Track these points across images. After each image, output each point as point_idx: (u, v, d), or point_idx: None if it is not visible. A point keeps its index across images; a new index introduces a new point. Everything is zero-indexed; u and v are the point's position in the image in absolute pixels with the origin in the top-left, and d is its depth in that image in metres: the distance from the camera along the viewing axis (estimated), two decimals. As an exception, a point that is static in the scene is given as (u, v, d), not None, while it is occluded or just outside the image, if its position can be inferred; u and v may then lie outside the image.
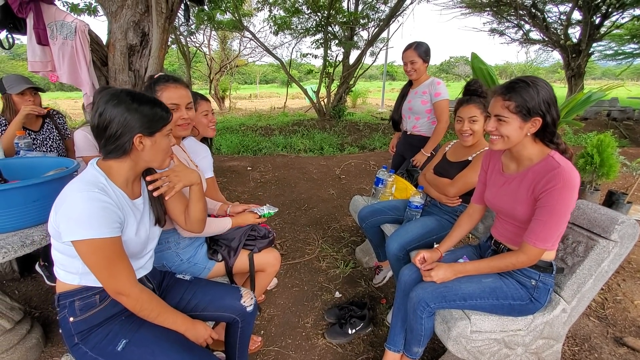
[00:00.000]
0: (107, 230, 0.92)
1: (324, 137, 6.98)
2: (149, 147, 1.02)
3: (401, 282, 1.46)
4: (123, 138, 0.98)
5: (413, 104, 2.44)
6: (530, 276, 1.28)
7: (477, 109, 1.72)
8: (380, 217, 2.05)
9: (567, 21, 10.10)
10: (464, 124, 1.74)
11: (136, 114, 0.98)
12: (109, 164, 1.02)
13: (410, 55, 2.33)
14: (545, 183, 1.14)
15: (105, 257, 0.93)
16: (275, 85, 38.48)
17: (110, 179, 1.01)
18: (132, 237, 1.03)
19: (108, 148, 1.00)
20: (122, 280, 0.96)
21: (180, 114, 1.36)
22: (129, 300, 0.98)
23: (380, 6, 9.38)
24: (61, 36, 2.49)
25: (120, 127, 0.97)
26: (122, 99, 0.97)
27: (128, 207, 1.03)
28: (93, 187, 0.94)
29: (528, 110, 1.14)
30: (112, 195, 0.98)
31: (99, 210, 0.91)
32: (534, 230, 1.17)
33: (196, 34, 12.13)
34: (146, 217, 1.11)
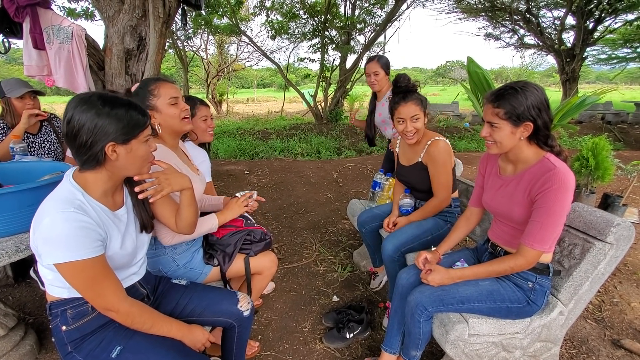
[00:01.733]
0: (88, 251, 0.87)
1: (321, 141, 7.00)
2: (124, 156, 0.94)
3: (398, 286, 1.46)
4: (94, 147, 0.89)
5: (385, 116, 2.45)
6: (527, 278, 1.28)
7: (416, 105, 1.68)
8: (380, 222, 2.04)
9: (561, 26, 10.22)
10: (407, 124, 1.69)
11: (107, 119, 0.89)
12: (84, 176, 0.95)
13: (374, 67, 2.37)
14: (542, 184, 1.15)
15: (88, 278, 0.89)
16: (272, 90, 38.60)
17: (87, 192, 0.94)
18: (117, 251, 0.99)
19: (80, 159, 0.92)
20: (109, 297, 0.93)
21: (182, 106, 1.34)
22: (118, 315, 0.95)
23: (377, 11, 9.46)
24: (58, 40, 2.49)
25: (90, 136, 0.88)
26: (92, 103, 0.88)
27: (109, 220, 0.98)
28: (69, 206, 0.87)
29: (517, 116, 1.16)
30: (91, 211, 0.92)
31: (77, 231, 0.85)
32: (530, 232, 1.17)
33: (193, 38, 12.15)
34: (131, 227, 1.06)
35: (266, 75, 32.59)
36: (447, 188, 1.75)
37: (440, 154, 1.70)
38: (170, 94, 1.31)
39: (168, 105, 1.31)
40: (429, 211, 1.82)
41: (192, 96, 1.81)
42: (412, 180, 1.86)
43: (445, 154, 1.70)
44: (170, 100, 1.31)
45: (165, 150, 1.33)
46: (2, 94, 2.00)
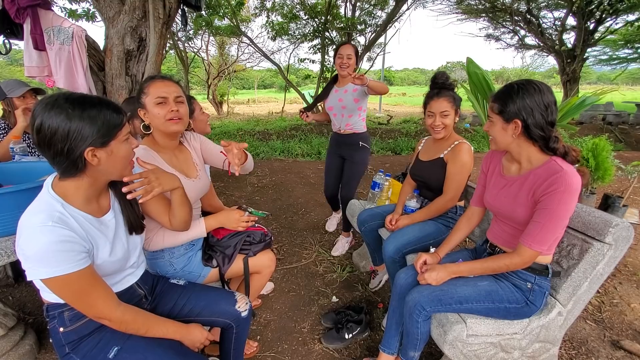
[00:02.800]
0: (71, 265, 0.83)
1: (321, 142, 6.99)
2: (105, 159, 0.89)
3: (397, 286, 1.46)
4: (72, 154, 0.84)
5: (346, 103, 2.46)
6: (526, 279, 1.28)
7: (448, 102, 1.73)
8: (379, 221, 2.04)
9: (561, 27, 10.21)
10: (435, 119, 1.74)
11: (81, 122, 0.83)
12: (64, 185, 0.90)
13: (349, 49, 2.38)
14: (547, 186, 1.14)
15: (76, 291, 0.86)
16: (273, 90, 38.65)
17: (68, 202, 0.89)
18: (106, 259, 0.96)
19: (58, 168, 0.87)
20: (100, 307, 0.91)
21: (169, 107, 1.25)
22: (111, 323, 0.94)
23: (377, 12, 9.48)
24: (58, 41, 2.50)
25: (65, 142, 0.82)
26: (60, 106, 0.82)
27: (94, 229, 0.94)
28: (47, 220, 0.82)
29: (508, 113, 1.18)
30: (72, 223, 0.87)
31: (57, 245, 0.81)
32: (530, 232, 1.17)
33: (194, 39, 12.20)
34: (121, 230, 1.03)
35: (267, 76, 32.63)
36: (457, 189, 1.75)
37: (465, 155, 1.72)
38: (157, 94, 1.24)
39: (154, 105, 1.25)
40: (433, 210, 1.81)
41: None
42: (427, 177, 1.86)
43: (469, 157, 1.72)
44: (156, 99, 1.24)
45: (151, 155, 1.29)
46: (3, 95, 2.00)
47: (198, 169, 1.48)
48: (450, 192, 1.76)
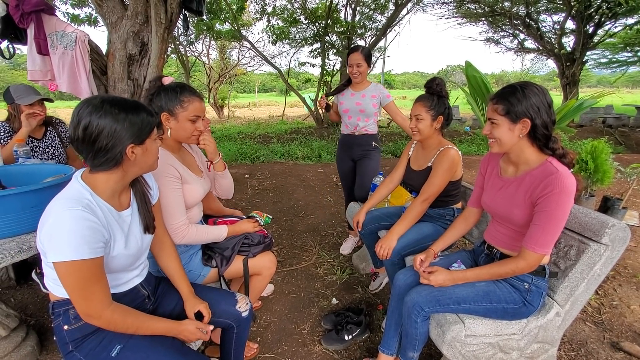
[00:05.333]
0: (89, 251, 0.88)
1: (321, 145, 7.03)
2: (141, 155, 1.00)
3: (396, 287, 1.47)
4: (114, 150, 0.94)
5: (365, 107, 2.49)
6: (524, 279, 1.29)
7: (423, 107, 1.75)
8: (379, 223, 2.06)
9: (560, 30, 10.27)
10: (412, 121, 1.80)
11: (125, 123, 0.94)
12: (95, 177, 0.98)
13: (358, 58, 2.39)
14: (543, 188, 1.16)
15: (81, 279, 0.90)
16: (274, 94, 38.77)
17: (95, 192, 0.97)
18: (122, 252, 1.01)
19: (97, 161, 0.95)
20: (94, 303, 0.93)
21: (198, 125, 1.38)
22: (100, 322, 0.96)
23: (377, 16, 9.55)
24: (61, 46, 2.53)
25: (110, 139, 0.92)
26: (107, 109, 0.92)
27: (114, 221, 1.00)
28: (77, 205, 0.89)
29: (515, 113, 1.18)
30: (98, 211, 0.94)
31: (83, 229, 0.88)
32: (532, 236, 1.18)
33: (195, 43, 12.28)
34: (135, 228, 1.09)
35: (268, 79, 32.78)
36: (432, 193, 1.74)
37: (447, 159, 1.72)
38: (196, 112, 1.35)
39: (187, 121, 1.35)
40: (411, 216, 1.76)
41: None
42: (419, 187, 1.86)
43: (451, 162, 1.72)
44: (193, 117, 1.35)
45: (166, 154, 1.35)
46: (11, 99, 2.02)
47: (202, 170, 1.58)
48: (424, 194, 1.75)
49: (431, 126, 1.77)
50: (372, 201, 2.07)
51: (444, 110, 1.78)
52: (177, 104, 1.32)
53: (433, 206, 1.84)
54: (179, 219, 1.33)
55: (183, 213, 1.35)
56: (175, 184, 1.33)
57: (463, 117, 11.70)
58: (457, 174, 1.80)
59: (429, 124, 1.76)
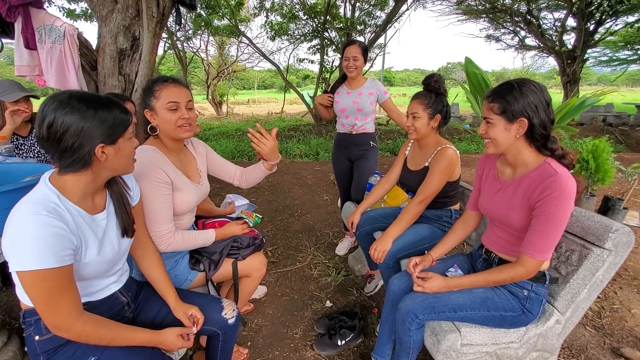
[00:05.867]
0: (54, 260, 0.81)
1: (320, 142, 6.96)
2: (112, 155, 0.93)
3: (390, 292, 1.41)
4: (81, 150, 0.86)
5: (362, 105, 2.41)
6: (523, 286, 1.23)
7: (419, 104, 1.70)
8: (375, 224, 2.00)
9: (561, 28, 10.18)
10: (408, 119, 1.74)
11: (93, 121, 0.86)
12: (64, 178, 0.91)
13: (355, 51, 2.30)
14: (542, 191, 1.10)
15: (47, 289, 0.82)
16: (273, 91, 38.64)
17: (64, 195, 0.90)
18: (94, 258, 0.95)
19: (64, 162, 0.88)
20: (62, 315, 0.86)
21: (180, 113, 1.25)
22: (69, 334, 0.89)
23: (377, 12, 9.44)
24: (50, 40, 2.46)
25: (77, 139, 0.85)
26: (74, 105, 0.85)
27: (86, 225, 0.93)
28: (41, 209, 0.82)
29: (512, 112, 1.12)
30: (66, 215, 0.87)
31: (47, 236, 0.81)
32: (531, 241, 1.12)
33: (193, 39, 12.15)
34: (112, 232, 1.02)
35: (267, 76, 32.62)
36: (429, 194, 1.68)
37: (445, 159, 1.66)
38: (170, 98, 1.23)
39: (165, 110, 1.24)
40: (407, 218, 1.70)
41: None
42: (416, 187, 1.80)
43: (449, 161, 1.66)
44: (168, 104, 1.23)
45: (158, 156, 1.27)
46: None
47: (201, 175, 1.48)
48: (420, 195, 1.70)
49: (428, 125, 1.71)
50: (368, 202, 2.01)
51: (441, 109, 1.71)
52: (151, 96, 1.25)
53: (430, 207, 1.78)
54: (164, 226, 1.26)
55: (169, 220, 1.28)
56: (163, 189, 1.25)
57: (463, 114, 11.63)
58: (455, 174, 1.74)
59: (426, 122, 1.70)
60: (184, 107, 1.26)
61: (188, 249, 1.42)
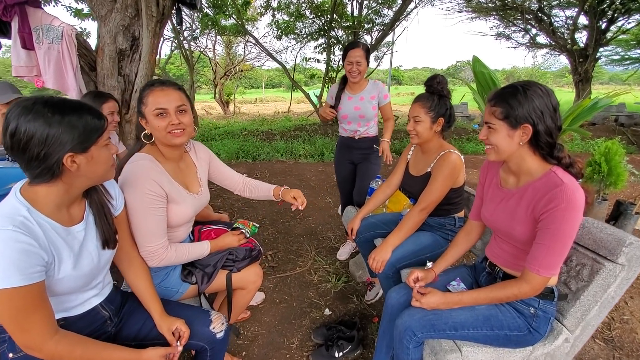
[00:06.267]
0: (20, 278, 0.76)
1: (325, 143, 6.88)
2: (85, 164, 0.86)
3: (388, 306, 1.35)
4: (49, 160, 0.80)
5: (365, 112, 2.33)
6: (529, 304, 1.16)
7: (421, 107, 1.62)
8: (375, 231, 1.93)
9: (573, 26, 9.93)
10: (409, 123, 1.67)
11: (60, 127, 0.80)
12: (35, 190, 0.85)
13: (359, 54, 2.20)
14: (547, 202, 1.02)
15: (14, 308, 0.77)
16: (281, 90, 38.68)
17: (36, 207, 0.84)
18: (69, 273, 0.89)
19: (31, 173, 0.83)
20: (33, 334, 0.81)
21: (170, 119, 1.17)
22: (41, 354, 0.84)
23: (385, 10, 9.32)
24: (47, 40, 2.43)
25: (42, 148, 0.79)
26: (38, 111, 0.79)
27: (60, 239, 0.88)
28: (8, 223, 0.77)
29: (515, 117, 1.04)
30: (36, 229, 0.82)
31: (12, 253, 0.75)
32: (536, 256, 1.04)
33: (200, 38, 12.15)
34: (91, 243, 0.96)
35: (275, 75, 32.64)
36: (431, 201, 1.60)
37: (448, 165, 1.58)
38: (156, 105, 1.16)
39: (153, 117, 1.17)
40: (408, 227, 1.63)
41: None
42: (418, 193, 1.72)
43: (452, 167, 1.57)
44: (155, 111, 1.16)
45: (152, 166, 1.21)
46: None
47: (201, 184, 1.41)
48: (422, 203, 1.62)
49: (430, 129, 1.63)
50: (368, 207, 1.94)
51: (445, 112, 1.63)
52: (141, 103, 1.19)
53: (433, 214, 1.71)
54: (157, 242, 1.19)
55: (162, 235, 1.21)
56: (155, 202, 1.17)
57: (471, 114, 11.45)
58: (459, 181, 1.66)
59: (428, 126, 1.62)
60: (173, 112, 1.18)
61: (181, 263, 1.35)
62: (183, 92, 1.24)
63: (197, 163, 1.43)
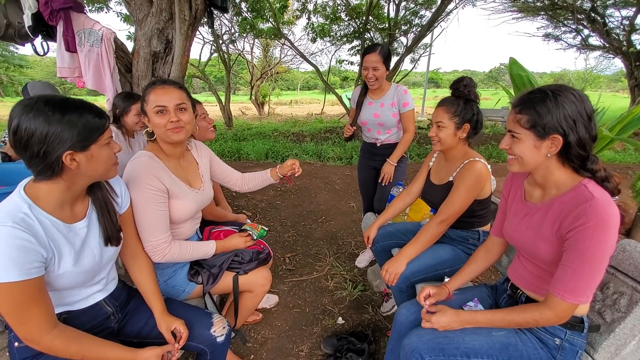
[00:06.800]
0: (18, 273, 0.78)
1: (355, 146, 6.78)
2: (85, 162, 0.88)
3: (397, 323, 1.27)
4: (48, 157, 0.82)
5: (384, 119, 2.21)
6: (555, 334, 1.03)
7: (445, 112, 1.50)
8: (392, 241, 1.85)
9: (630, 27, 9.10)
10: (432, 129, 1.56)
11: (59, 126, 0.81)
12: (38, 187, 0.87)
13: (375, 60, 2.06)
14: (574, 219, 0.90)
15: (13, 302, 0.80)
16: (317, 92, 38.93)
17: (38, 204, 0.86)
18: (69, 269, 0.91)
19: (33, 170, 0.85)
20: (31, 327, 0.83)
21: (169, 116, 1.19)
22: (39, 347, 0.86)
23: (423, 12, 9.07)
24: (88, 43, 2.58)
25: (42, 145, 0.80)
26: (39, 109, 0.80)
27: (60, 236, 0.89)
28: (8, 220, 0.79)
29: (543, 126, 0.93)
30: (36, 226, 0.84)
31: (10, 249, 0.77)
32: (562, 279, 0.93)
33: (237, 42, 12.50)
34: (93, 240, 0.98)
35: (311, 77, 32.97)
36: (452, 213, 1.48)
37: (472, 174, 1.46)
38: (156, 102, 1.19)
39: (153, 114, 1.20)
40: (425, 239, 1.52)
41: None
42: (438, 203, 1.61)
43: (476, 177, 1.45)
44: (155, 108, 1.19)
45: (153, 162, 1.24)
46: (27, 95, 2.07)
47: (203, 180, 1.44)
48: (441, 214, 1.50)
49: (455, 135, 1.52)
50: (386, 215, 1.86)
51: (471, 117, 1.52)
52: (143, 100, 1.22)
53: (455, 227, 1.60)
54: (159, 236, 1.21)
55: (164, 230, 1.23)
56: (157, 197, 1.20)
57: (511, 120, 10.81)
58: (484, 192, 1.54)
59: (452, 132, 1.52)
60: (173, 109, 1.20)
61: (185, 261, 1.37)
62: (184, 91, 1.27)
63: (199, 160, 1.45)
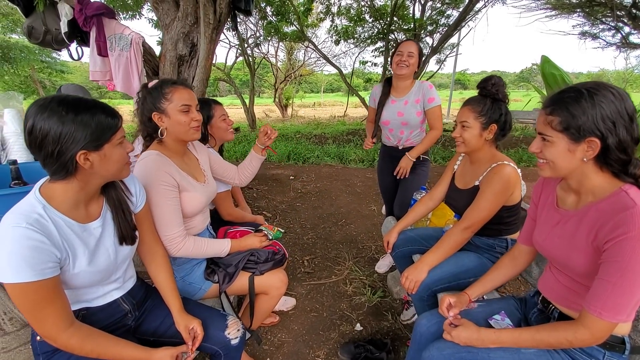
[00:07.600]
0: (32, 274, 0.79)
1: (377, 148, 6.64)
2: (98, 162, 0.88)
3: (417, 333, 1.21)
4: (63, 157, 0.82)
5: (408, 118, 2.11)
6: (591, 354, 0.94)
7: (470, 112, 1.42)
8: (413, 246, 1.78)
9: (680, 21, 8.48)
10: (456, 129, 1.48)
11: (73, 126, 0.82)
12: (52, 187, 0.88)
13: (412, 47, 2.04)
14: (613, 228, 0.82)
15: (29, 301, 0.81)
16: (340, 94, 38.93)
17: (52, 205, 0.87)
18: (84, 269, 0.92)
19: (48, 169, 0.86)
20: (48, 326, 0.84)
21: (192, 115, 1.27)
22: (56, 344, 0.88)
23: (450, 11, 8.85)
24: (118, 48, 2.68)
25: (56, 145, 0.81)
26: (53, 109, 0.81)
27: (74, 236, 0.90)
28: (22, 221, 0.80)
29: (578, 129, 0.85)
30: (50, 227, 0.84)
31: (23, 250, 0.78)
32: (599, 294, 0.84)
33: (262, 45, 12.68)
34: (108, 240, 0.99)
35: (334, 80, 33.05)
36: (477, 220, 1.40)
37: (500, 179, 1.37)
38: (183, 101, 1.24)
39: (179, 112, 1.24)
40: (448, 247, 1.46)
41: (206, 98, 1.80)
42: (463, 208, 1.52)
43: (505, 182, 1.37)
44: (182, 107, 1.24)
45: (162, 160, 1.26)
46: None
47: (205, 174, 1.47)
48: (466, 221, 1.42)
49: (480, 136, 1.44)
50: (407, 220, 1.80)
51: (499, 117, 1.44)
52: (162, 98, 1.23)
53: (480, 234, 1.51)
54: (174, 230, 1.24)
55: (179, 224, 1.25)
56: (170, 192, 1.23)
57: (544, 121, 10.32)
58: (513, 198, 1.45)
59: (478, 133, 1.44)
60: (194, 109, 1.28)
61: (201, 257, 1.38)
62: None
63: (199, 157, 1.49)
